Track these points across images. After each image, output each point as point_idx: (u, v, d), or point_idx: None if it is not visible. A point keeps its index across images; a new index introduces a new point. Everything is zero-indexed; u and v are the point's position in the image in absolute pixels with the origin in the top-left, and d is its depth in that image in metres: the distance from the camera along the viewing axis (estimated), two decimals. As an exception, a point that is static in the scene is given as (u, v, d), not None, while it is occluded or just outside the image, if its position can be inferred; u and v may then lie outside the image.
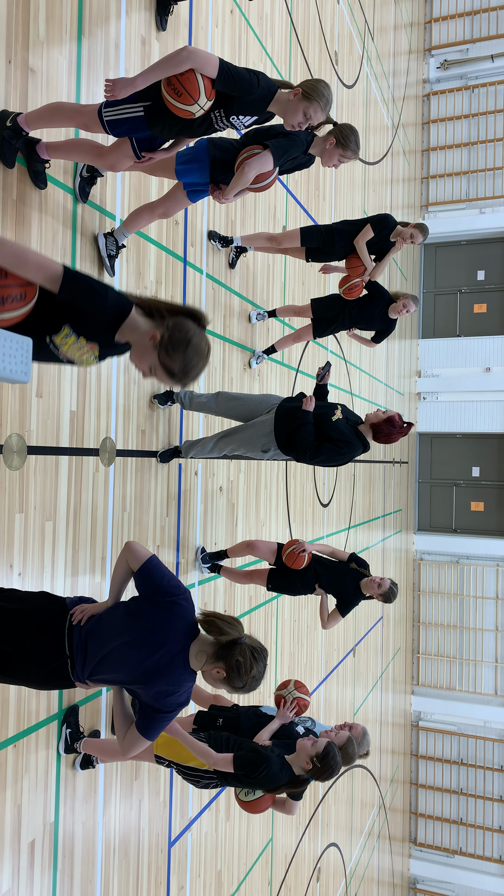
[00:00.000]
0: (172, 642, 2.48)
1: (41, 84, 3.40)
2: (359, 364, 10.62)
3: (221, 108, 2.97)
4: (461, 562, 15.88)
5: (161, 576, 2.52)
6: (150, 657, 2.46)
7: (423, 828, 15.79)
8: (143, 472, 4.43)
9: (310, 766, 3.32)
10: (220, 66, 2.84)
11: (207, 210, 5.30)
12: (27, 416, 3.34)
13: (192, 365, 2.35)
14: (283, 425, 4.31)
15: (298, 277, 7.43)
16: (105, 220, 3.95)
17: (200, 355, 2.37)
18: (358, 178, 10.25)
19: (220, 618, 2.52)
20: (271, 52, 6.49)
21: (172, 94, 2.82)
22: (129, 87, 2.88)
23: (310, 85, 3.10)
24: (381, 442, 4.50)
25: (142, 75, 2.87)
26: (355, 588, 4.83)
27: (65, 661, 2.50)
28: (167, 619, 2.48)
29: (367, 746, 4.01)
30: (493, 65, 15.70)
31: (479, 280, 16.34)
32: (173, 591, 2.51)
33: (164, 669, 2.48)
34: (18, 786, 3.30)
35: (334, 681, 9.16)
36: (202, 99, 2.83)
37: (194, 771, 3.47)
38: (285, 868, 7.25)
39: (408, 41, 14.38)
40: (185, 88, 2.79)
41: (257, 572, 5.03)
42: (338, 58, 9.02)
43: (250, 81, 2.92)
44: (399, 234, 5.46)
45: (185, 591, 2.57)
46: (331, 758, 3.33)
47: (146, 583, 2.51)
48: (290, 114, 3.10)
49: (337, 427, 4.33)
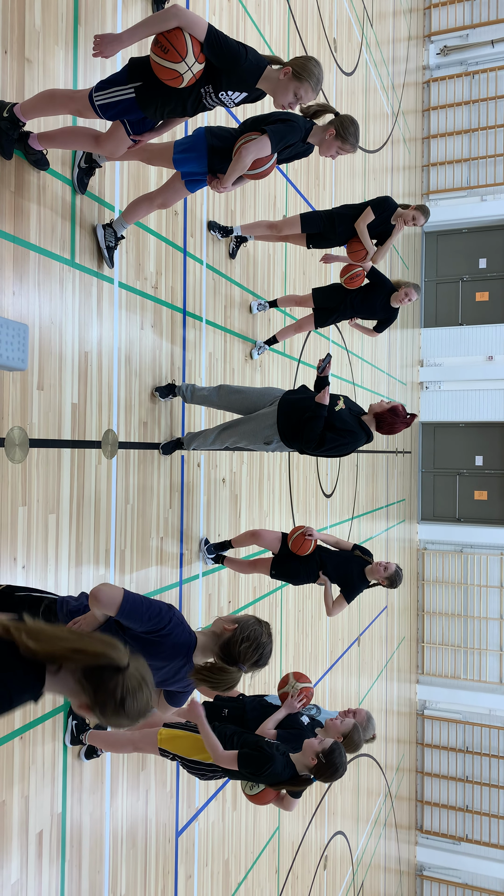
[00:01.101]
0: (175, 661, 2.56)
1: (37, 75, 3.37)
2: (361, 354, 10.59)
3: (210, 83, 2.94)
4: (465, 551, 15.88)
5: (140, 616, 2.47)
6: (158, 673, 2.56)
7: (429, 815, 15.86)
8: (146, 464, 4.42)
9: (315, 762, 3.31)
10: (209, 30, 2.81)
11: (207, 200, 5.27)
12: (29, 409, 3.34)
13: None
14: (287, 417, 4.30)
15: (299, 267, 7.39)
16: (104, 211, 3.93)
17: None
18: (358, 166, 10.19)
19: (207, 677, 2.54)
20: (269, 39, 6.43)
21: (159, 52, 2.77)
22: (116, 44, 2.85)
23: (300, 64, 3.04)
24: (385, 432, 4.48)
25: (129, 31, 2.84)
26: (360, 574, 4.86)
27: None
28: (162, 647, 2.52)
29: (373, 731, 4.02)
30: (494, 50, 15.56)
31: (481, 268, 16.26)
32: (158, 625, 2.50)
33: (173, 678, 2.59)
34: (25, 777, 3.32)
35: (339, 671, 9.18)
36: (189, 57, 2.77)
37: (198, 764, 3.48)
38: (292, 856, 7.29)
39: (407, 27, 14.25)
40: (172, 45, 2.74)
41: (261, 561, 5.04)
42: (336, 45, 8.95)
43: (238, 51, 2.88)
44: (400, 216, 5.41)
45: (169, 614, 2.54)
46: (335, 756, 3.33)
47: (130, 623, 2.49)
48: (280, 93, 3.07)
49: (340, 417, 4.31)
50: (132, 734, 3.67)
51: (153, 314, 4.50)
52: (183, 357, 4.90)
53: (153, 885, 4.48)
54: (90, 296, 3.82)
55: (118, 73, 2.99)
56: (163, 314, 4.63)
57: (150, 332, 4.48)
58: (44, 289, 3.45)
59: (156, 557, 4.55)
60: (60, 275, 3.57)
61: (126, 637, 2.51)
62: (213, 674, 2.50)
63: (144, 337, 4.41)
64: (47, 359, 3.47)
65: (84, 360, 3.76)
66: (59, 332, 3.56)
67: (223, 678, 2.50)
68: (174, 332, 4.79)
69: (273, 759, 3.26)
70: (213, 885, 5.45)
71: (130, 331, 4.25)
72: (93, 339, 3.85)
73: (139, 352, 4.35)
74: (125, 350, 4.18)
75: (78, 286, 3.71)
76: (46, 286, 3.46)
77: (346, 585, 4.91)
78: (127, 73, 2.95)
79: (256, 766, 3.24)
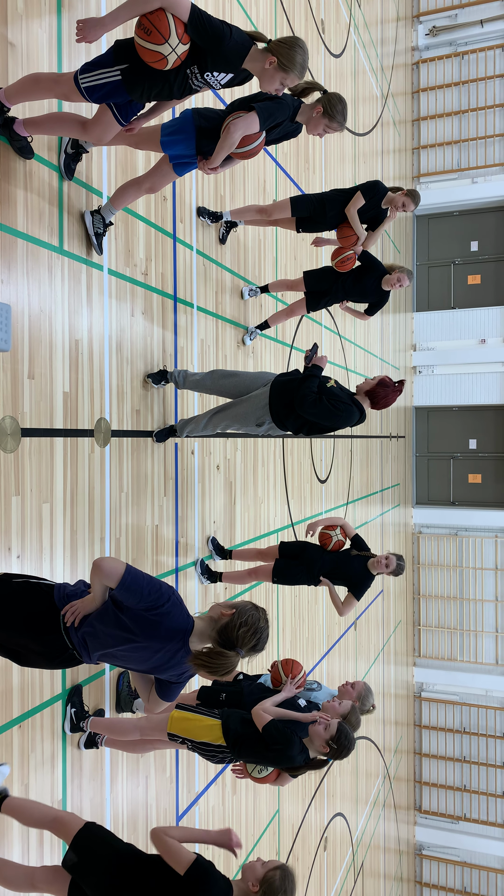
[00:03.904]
0: (171, 643, 2.56)
1: (21, 59, 3.33)
2: (353, 339, 10.57)
3: (195, 63, 2.92)
4: (460, 534, 15.95)
5: (140, 590, 2.49)
6: (154, 656, 2.57)
7: (427, 795, 16.03)
8: (139, 452, 4.41)
9: (327, 750, 3.38)
10: (192, 10, 2.79)
11: (196, 185, 5.23)
12: (20, 398, 3.32)
13: None
14: (279, 397, 4.29)
15: (290, 252, 7.35)
16: (92, 198, 3.89)
17: None
18: (348, 149, 10.12)
19: (205, 662, 2.53)
20: (256, 20, 6.36)
21: (142, 34, 2.75)
22: (99, 28, 2.83)
23: (285, 54, 2.99)
24: (381, 407, 4.46)
25: (111, 15, 2.82)
26: (364, 570, 4.92)
27: (71, 653, 2.61)
28: (159, 628, 2.52)
29: (372, 702, 4.07)
30: (483, 30, 15.43)
31: (473, 251, 16.21)
32: (157, 601, 2.51)
33: (169, 663, 2.59)
34: (25, 765, 3.33)
35: (336, 655, 9.23)
36: (173, 38, 2.75)
37: (208, 746, 3.50)
38: (292, 838, 7.36)
39: (395, 8, 14.11)
40: (154, 27, 2.72)
41: (261, 569, 5.09)
42: (324, 26, 8.86)
43: (222, 30, 2.86)
44: (391, 200, 5.38)
45: (168, 592, 2.56)
46: (344, 737, 3.40)
47: (128, 598, 2.50)
48: (265, 82, 3.06)
49: (332, 392, 4.32)
50: (138, 720, 3.68)
51: (144, 301, 4.48)
52: (174, 344, 4.87)
53: (155, 869, 4.52)
54: (79, 283, 3.79)
55: (104, 55, 2.95)
56: (153, 301, 4.61)
57: (141, 319, 4.45)
58: (32, 277, 3.42)
59: (151, 545, 4.55)
60: (49, 262, 3.54)
61: (124, 618, 2.51)
62: (211, 658, 2.51)
63: (135, 324, 4.38)
64: (37, 347, 3.45)
65: (75, 348, 3.74)
66: (48, 321, 3.53)
67: (222, 662, 2.51)
68: (165, 319, 4.76)
69: (293, 740, 3.34)
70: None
71: (121, 318, 4.22)
72: (83, 326, 3.82)
73: (130, 339, 4.32)
74: (116, 337, 4.16)
75: (67, 273, 3.69)
76: (35, 274, 3.44)
77: (352, 584, 4.96)
78: (113, 54, 2.92)
79: (280, 740, 3.31)
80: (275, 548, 5.14)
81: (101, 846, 2.66)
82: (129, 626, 2.51)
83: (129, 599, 2.50)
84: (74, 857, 2.62)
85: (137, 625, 2.50)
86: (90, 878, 2.59)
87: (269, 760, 3.46)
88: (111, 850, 2.65)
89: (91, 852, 2.63)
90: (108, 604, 2.55)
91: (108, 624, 2.53)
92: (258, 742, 3.40)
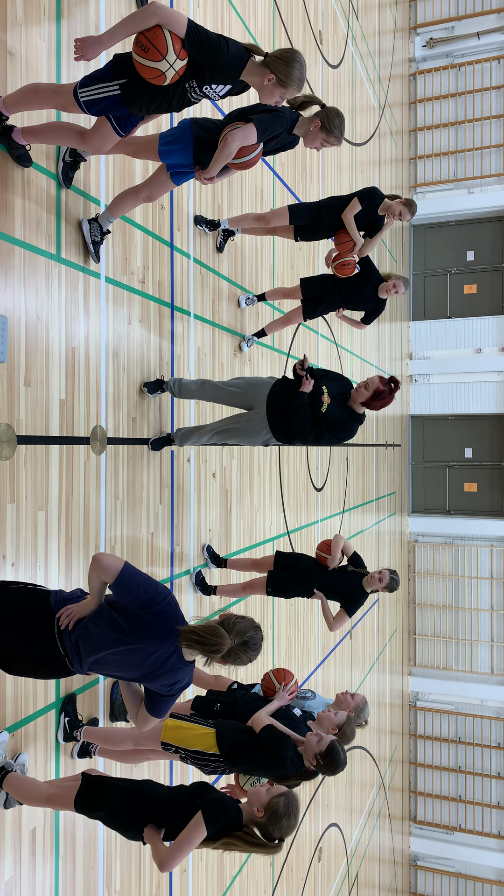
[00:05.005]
0: (163, 646, 2.54)
1: (20, 67, 3.34)
2: (350, 347, 10.59)
3: (194, 77, 2.94)
4: (455, 543, 15.95)
5: (137, 587, 2.51)
6: (145, 661, 2.55)
7: (422, 806, 15.96)
8: (135, 460, 4.41)
9: (315, 763, 3.37)
10: (189, 26, 2.80)
11: (193, 193, 5.25)
12: (16, 406, 3.32)
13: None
14: (277, 418, 4.29)
15: (287, 261, 7.38)
16: (90, 206, 3.90)
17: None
18: (345, 159, 10.17)
19: (198, 636, 2.53)
20: (255, 32, 6.40)
21: (140, 51, 2.76)
22: (97, 46, 2.84)
23: (283, 71, 3.00)
24: (377, 408, 4.43)
25: (109, 33, 2.83)
26: (358, 587, 4.94)
27: (62, 660, 2.60)
28: (153, 627, 2.52)
29: (366, 716, 4.06)
30: (480, 42, 15.56)
31: (469, 260, 16.29)
32: (153, 600, 2.52)
33: (160, 669, 2.57)
34: (18, 775, 3.30)
35: (332, 663, 9.21)
36: (170, 55, 2.76)
37: (201, 755, 3.49)
38: (287, 849, 7.32)
39: (393, 19, 14.23)
40: (152, 44, 2.73)
41: (255, 582, 5.09)
42: (322, 37, 8.92)
43: (219, 45, 2.87)
44: (387, 207, 5.40)
45: (164, 592, 2.58)
46: (333, 756, 3.39)
47: (124, 595, 2.51)
48: (265, 96, 3.08)
49: (328, 416, 4.30)
50: (132, 729, 3.66)
51: (140, 309, 4.48)
52: (171, 351, 4.88)
53: (148, 880, 4.49)
54: (77, 291, 3.80)
55: (103, 70, 2.97)
56: (150, 309, 4.61)
57: (138, 327, 4.46)
58: (29, 284, 3.42)
59: (146, 553, 4.54)
60: (46, 270, 3.54)
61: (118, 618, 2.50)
62: (204, 634, 2.51)
63: (132, 332, 4.39)
64: (34, 355, 3.45)
65: (71, 356, 3.74)
66: (45, 328, 3.53)
67: (213, 639, 2.52)
68: (162, 327, 4.77)
69: (287, 745, 3.36)
70: (208, 879, 5.46)
71: (118, 326, 4.23)
72: (80, 334, 3.82)
73: (127, 347, 4.33)
74: (113, 345, 4.16)
75: (64, 281, 3.69)
76: (32, 281, 3.44)
77: (346, 600, 4.96)
78: (111, 69, 2.93)
79: (276, 744, 3.35)
80: (270, 558, 5.14)
81: (108, 788, 2.92)
82: (122, 626, 2.50)
83: (125, 596, 2.49)
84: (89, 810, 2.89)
85: (132, 625, 2.50)
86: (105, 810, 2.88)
87: (263, 766, 3.44)
88: (117, 788, 2.91)
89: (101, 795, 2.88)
90: (102, 605, 2.56)
91: (102, 625, 2.52)
92: (252, 749, 3.39)
